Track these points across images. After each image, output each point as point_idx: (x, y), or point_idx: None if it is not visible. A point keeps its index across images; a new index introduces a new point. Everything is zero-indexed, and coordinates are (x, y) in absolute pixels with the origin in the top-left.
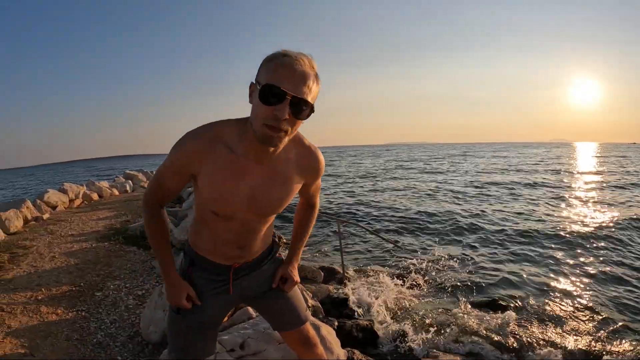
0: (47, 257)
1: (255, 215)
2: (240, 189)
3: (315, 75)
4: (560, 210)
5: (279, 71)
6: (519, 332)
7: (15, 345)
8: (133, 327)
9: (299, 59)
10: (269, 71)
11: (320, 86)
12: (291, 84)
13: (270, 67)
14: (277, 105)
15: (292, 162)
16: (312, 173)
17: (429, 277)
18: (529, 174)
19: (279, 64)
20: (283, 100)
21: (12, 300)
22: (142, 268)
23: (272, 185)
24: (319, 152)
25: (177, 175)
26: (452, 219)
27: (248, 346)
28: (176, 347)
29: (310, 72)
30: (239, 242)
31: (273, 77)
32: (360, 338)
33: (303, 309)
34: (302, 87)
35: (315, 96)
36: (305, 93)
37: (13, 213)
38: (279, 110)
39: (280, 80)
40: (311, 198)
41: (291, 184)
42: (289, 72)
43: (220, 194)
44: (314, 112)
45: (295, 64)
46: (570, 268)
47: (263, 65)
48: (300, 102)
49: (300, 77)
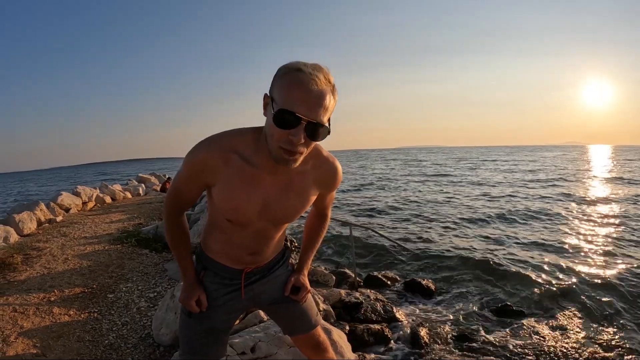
0: (60, 259)
1: (269, 224)
2: (254, 199)
3: (331, 90)
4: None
5: (293, 93)
6: (531, 340)
7: (28, 345)
8: (145, 329)
9: (314, 77)
10: (282, 89)
11: (337, 97)
12: (306, 108)
13: (284, 85)
14: (292, 129)
15: (308, 173)
16: (329, 184)
17: (442, 282)
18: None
19: (294, 84)
20: (298, 125)
21: (25, 301)
22: (154, 271)
23: (287, 196)
24: (337, 164)
25: (191, 184)
26: (465, 224)
27: (259, 349)
28: (187, 350)
29: (325, 90)
30: (252, 248)
31: (287, 99)
32: (372, 342)
33: (314, 313)
34: (318, 109)
35: (332, 109)
36: (320, 115)
37: (27, 215)
38: (294, 135)
39: (294, 104)
40: (324, 209)
41: (307, 195)
42: (304, 94)
43: (234, 204)
44: (329, 134)
45: (310, 84)
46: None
47: (277, 80)
48: (316, 126)
49: (315, 99)
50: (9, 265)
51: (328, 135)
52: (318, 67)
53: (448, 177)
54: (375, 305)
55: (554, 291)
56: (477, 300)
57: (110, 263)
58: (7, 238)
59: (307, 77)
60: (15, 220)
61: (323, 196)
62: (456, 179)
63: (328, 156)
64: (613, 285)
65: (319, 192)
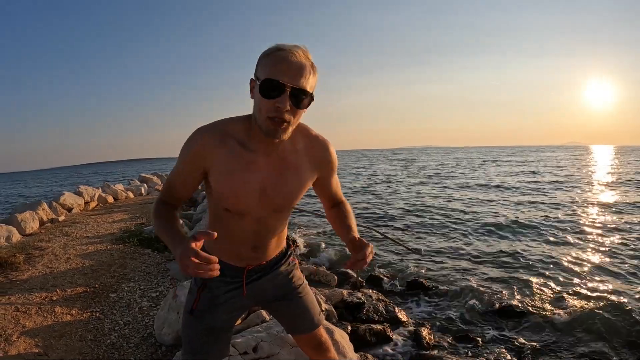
0: (62, 258)
1: (268, 211)
2: (251, 182)
3: (311, 65)
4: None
5: (276, 65)
6: (534, 340)
7: (30, 344)
8: (147, 329)
9: (293, 51)
10: (266, 66)
11: (317, 75)
12: (289, 76)
13: (267, 62)
14: (277, 97)
15: (301, 153)
16: (324, 163)
17: (444, 282)
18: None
19: (276, 58)
20: (283, 92)
21: (27, 300)
22: (156, 270)
23: (283, 177)
24: (328, 142)
25: (188, 172)
26: (471, 223)
27: (261, 349)
28: (190, 350)
29: (306, 63)
30: (254, 242)
31: (271, 71)
32: (374, 342)
33: (317, 312)
34: (300, 78)
35: (313, 85)
36: (303, 83)
37: (29, 214)
38: (280, 102)
39: (278, 74)
40: (335, 195)
41: (302, 175)
42: (286, 65)
43: (231, 189)
44: (313, 101)
45: (290, 56)
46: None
47: (260, 61)
48: (299, 92)
49: (296, 68)
50: (11, 264)
51: (312, 102)
52: (297, 45)
53: (450, 177)
54: (378, 305)
55: (558, 292)
56: (480, 300)
57: (113, 263)
58: (9, 237)
59: (287, 52)
60: (18, 220)
61: (325, 180)
62: (459, 179)
63: (317, 135)
64: (620, 289)
65: (316, 174)
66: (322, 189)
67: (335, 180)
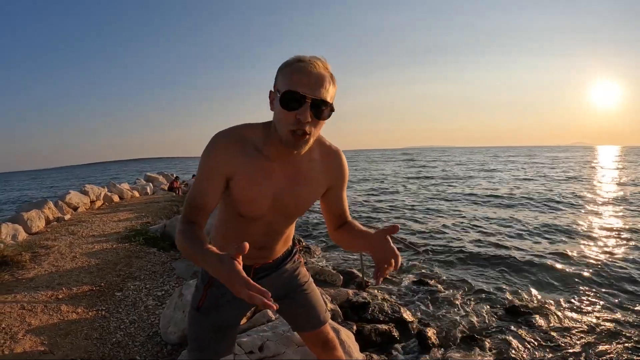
0: (68, 257)
1: (279, 216)
2: (266, 190)
3: (330, 76)
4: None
5: (295, 77)
6: (539, 340)
7: (36, 342)
8: (152, 328)
9: (313, 62)
10: (285, 78)
11: (336, 86)
12: (309, 88)
13: (286, 74)
14: (298, 109)
15: (316, 162)
16: (336, 173)
17: (450, 282)
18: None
19: (295, 70)
20: (303, 104)
21: (33, 298)
22: (162, 269)
23: (297, 186)
24: (340, 152)
25: (213, 179)
26: (474, 224)
27: (267, 348)
28: (196, 347)
29: (325, 74)
30: (262, 243)
31: (291, 83)
32: (379, 342)
33: (323, 310)
34: (320, 88)
35: (333, 95)
36: (323, 94)
37: (35, 213)
38: (300, 114)
39: (298, 86)
40: (342, 213)
41: (316, 185)
42: (306, 76)
43: (246, 196)
44: (334, 112)
45: (310, 67)
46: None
47: (280, 73)
48: (320, 103)
49: (316, 79)
50: (18, 263)
51: (333, 112)
52: (316, 57)
53: (454, 177)
54: (383, 305)
55: (564, 293)
56: (486, 300)
57: (118, 261)
58: (15, 236)
59: (306, 63)
60: (24, 219)
61: (334, 193)
62: (463, 178)
63: (331, 145)
64: (628, 290)
65: (327, 184)
66: (330, 203)
67: (344, 195)
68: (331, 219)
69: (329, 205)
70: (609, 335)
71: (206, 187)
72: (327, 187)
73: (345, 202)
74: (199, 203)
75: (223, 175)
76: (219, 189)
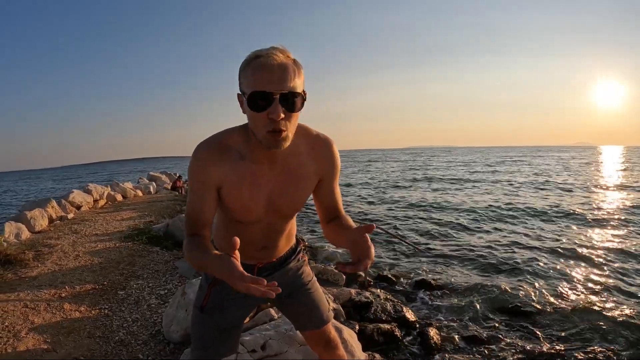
0: (71, 255)
1: (275, 218)
2: (259, 196)
3: (293, 62)
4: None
5: (257, 75)
6: (542, 341)
7: (38, 341)
8: (155, 326)
9: (271, 55)
10: (248, 78)
11: (302, 71)
12: (273, 83)
13: (248, 74)
14: (268, 108)
15: (303, 156)
16: (326, 162)
17: (453, 282)
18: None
19: (256, 68)
20: (272, 101)
21: (36, 297)
22: (165, 268)
23: (288, 185)
24: (330, 140)
25: (204, 191)
26: (478, 225)
27: (269, 347)
28: (199, 346)
29: (287, 62)
30: (262, 244)
31: (254, 83)
32: (382, 342)
33: (325, 309)
34: (285, 80)
35: (302, 83)
36: (289, 85)
37: (38, 212)
38: (272, 112)
39: (262, 84)
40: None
41: (307, 179)
42: (268, 71)
43: (239, 203)
44: (305, 100)
45: (270, 60)
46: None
47: (242, 74)
48: (289, 96)
49: (279, 71)
50: (21, 261)
51: (304, 101)
52: (274, 47)
53: (456, 177)
54: (385, 304)
55: (567, 294)
56: (488, 300)
57: (121, 260)
58: (18, 235)
59: (265, 57)
60: (27, 217)
61: (326, 184)
62: (467, 178)
63: (318, 134)
64: (629, 292)
65: (319, 176)
66: (321, 196)
67: (337, 186)
68: (323, 211)
69: (320, 197)
70: (612, 335)
71: (201, 201)
72: (318, 179)
73: (337, 195)
74: (198, 216)
75: (213, 187)
76: (213, 201)
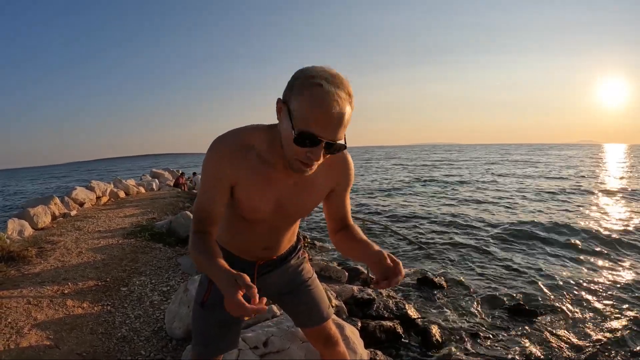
0: (74, 252)
1: (282, 221)
2: (269, 198)
3: (350, 102)
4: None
5: (314, 112)
6: (544, 340)
7: (41, 337)
8: (157, 323)
9: (336, 97)
10: (302, 105)
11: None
12: (327, 130)
13: (304, 102)
14: (311, 148)
15: (321, 167)
16: (341, 177)
17: (455, 280)
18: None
19: (315, 103)
20: (318, 144)
21: (39, 293)
22: (167, 265)
23: (300, 192)
24: (347, 155)
25: (218, 186)
26: (480, 223)
27: (271, 344)
28: (200, 342)
29: (345, 109)
30: (266, 243)
31: (308, 119)
32: (384, 339)
33: (326, 306)
34: (338, 130)
35: (349, 122)
36: (340, 135)
37: (41, 209)
38: (312, 152)
39: (315, 125)
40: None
41: (319, 189)
42: (326, 116)
43: (250, 202)
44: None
45: (332, 106)
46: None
47: (296, 90)
48: (334, 144)
49: (337, 120)
50: (24, 258)
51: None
52: (339, 81)
53: (459, 177)
54: (388, 302)
55: (569, 292)
56: (490, 298)
57: (124, 257)
58: (22, 231)
59: (328, 96)
60: (30, 214)
61: (338, 195)
62: (467, 178)
63: None
64: (632, 289)
65: (331, 186)
66: (332, 206)
67: (347, 198)
68: (332, 221)
69: (331, 207)
70: (613, 335)
71: (212, 196)
72: (330, 189)
73: (347, 206)
74: (208, 213)
75: (227, 183)
76: (225, 197)
